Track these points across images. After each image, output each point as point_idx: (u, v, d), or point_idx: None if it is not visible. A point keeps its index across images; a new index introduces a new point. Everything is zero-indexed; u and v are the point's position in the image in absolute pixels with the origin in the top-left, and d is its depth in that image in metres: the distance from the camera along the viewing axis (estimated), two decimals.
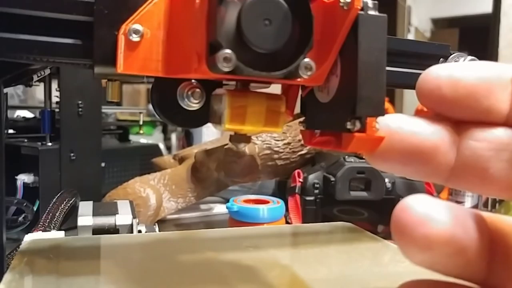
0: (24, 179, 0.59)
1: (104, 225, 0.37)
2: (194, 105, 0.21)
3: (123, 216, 0.38)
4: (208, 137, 1.04)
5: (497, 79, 0.16)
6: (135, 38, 0.19)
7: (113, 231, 0.37)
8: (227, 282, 0.26)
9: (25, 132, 0.70)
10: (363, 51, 0.17)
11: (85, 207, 0.39)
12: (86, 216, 0.37)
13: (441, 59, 0.27)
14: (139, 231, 0.39)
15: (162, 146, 1.12)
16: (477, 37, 1.61)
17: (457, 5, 3.13)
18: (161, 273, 0.27)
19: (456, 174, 0.16)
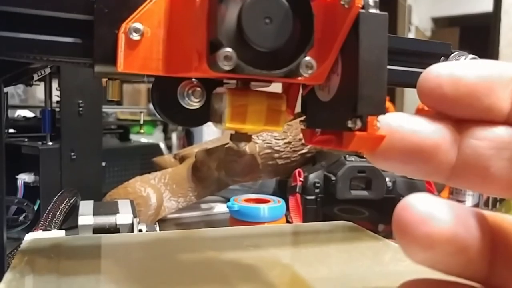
0: (24, 178, 0.59)
1: (104, 225, 0.37)
2: (194, 104, 0.21)
3: (123, 215, 0.38)
4: (208, 136, 1.04)
5: (498, 78, 0.16)
6: (135, 36, 0.19)
7: (114, 231, 0.37)
8: (227, 281, 0.26)
9: (25, 131, 0.70)
10: (364, 50, 0.17)
11: (86, 207, 0.39)
12: (86, 215, 0.37)
13: (442, 58, 0.27)
14: (140, 230, 0.39)
15: (162, 145, 1.12)
16: (478, 36, 1.61)
17: (457, 4, 3.13)
18: (161, 272, 0.27)
19: (457, 172, 0.16)
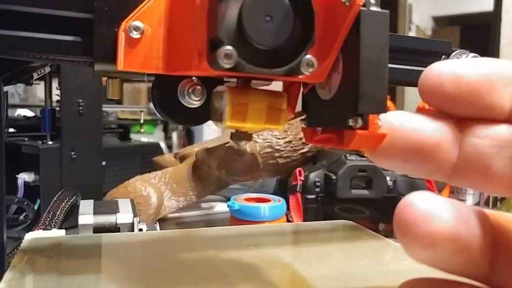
0: (24, 178, 0.59)
1: (105, 224, 0.37)
2: (195, 102, 0.21)
3: (124, 214, 0.37)
4: (209, 136, 1.04)
5: (499, 76, 0.16)
6: (135, 35, 0.19)
7: (114, 230, 0.37)
8: (228, 280, 0.26)
9: (25, 131, 0.70)
10: (365, 48, 0.17)
11: (86, 206, 0.39)
12: (87, 214, 0.37)
13: (443, 56, 0.27)
14: (140, 230, 0.38)
15: (163, 144, 1.12)
16: (478, 35, 1.61)
17: (458, 3, 3.13)
18: (162, 272, 0.27)
19: (458, 171, 0.16)
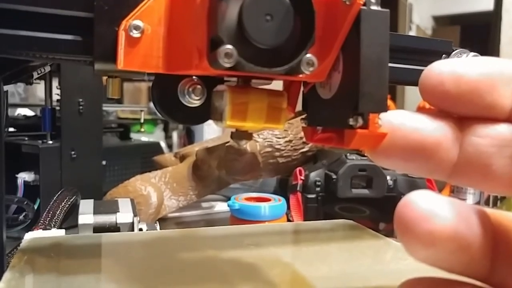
0: (24, 177, 0.59)
1: (105, 223, 0.37)
2: (195, 101, 0.21)
3: (124, 214, 0.37)
4: (209, 135, 1.04)
5: (499, 75, 0.16)
6: (135, 34, 0.19)
7: (114, 229, 0.37)
8: (228, 280, 0.26)
9: (25, 130, 0.70)
10: (365, 47, 0.17)
11: (86, 205, 0.39)
12: (87, 214, 0.37)
13: (444, 56, 0.27)
14: (140, 229, 0.38)
15: (163, 144, 1.12)
16: (479, 34, 1.61)
17: (458, 3, 3.13)
18: (162, 271, 0.27)
19: (458, 170, 0.16)
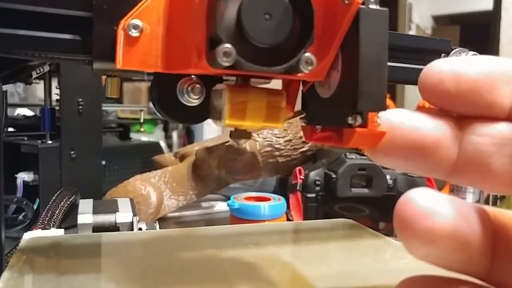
0: (24, 177, 0.59)
1: (104, 223, 0.37)
2: (194, 100, 0.21)
3: (123, 214, 0.37)
4: (209, 135, 1.04)
5: (499, 74, 0.16)
6: (134, 33, 0.19)
7: (114, 229, 0.36)
8: (228, 279, 0.26)
9: (25, 130, 0.69)
10: (364, 46, 0.17)
11: (85, 205, 0.39)
12: (86, 214, 0.37)
13: (443, 55, 0.27)
14: (140, 229, 0.38)
15: (163, 144, 1.12)
16: (478, 34, 1.61)
17: (457, 2, 3.13)
18: (161, 271, 0.27)
19: (458, 169, 0.16)
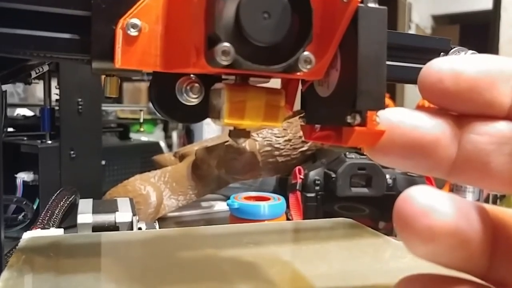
0: (23, 177, 0.59)
1: (104, 223, 0.37)
2: (193, 100, 0.21)
3: (123, 213, 0.37)
4: (209, 134, 1.04)
5: (499, 72, 0.16)
6: (133, 32, 0.19)
7: (113, 229, 0.36)
8: (227, 278, 0.26)
9: (24, 130, 0.69)
10: (363, 44, 0.17)
11: (85, 205, 0.39)
12: (86, 213, 0.37)
13: (442, 53, 0.27)
14: (139, 229, 0.38)
15: (163, 144, 1.12)
16: (478, 33, 1.61)
17: (457, 2, 3.13)
18: (161, 270, 0.27)
19: (457, 168, 0.16)
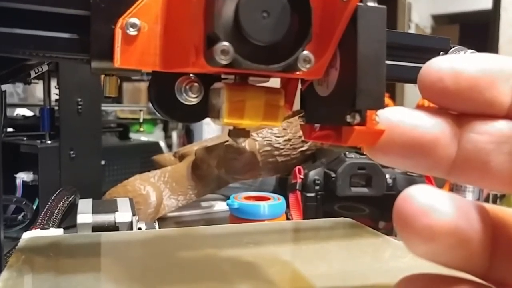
0: (23, 177, 0.59)
1: (103, 223, 0.37)
2: (192, 99, 0.21)
3: (122, 213, 0.37)
4: (208, 134, 1.04)
5: (499, 71, 0.15)
6: (132, 32, 0.19)
7: (113, 229, 0.36)
8: (227, 278, 0.26)
9: (24, 130, 0.69)
10: (362, 43, 0.17)
11: (85, 205, 0.39)
12: (85, 213, 0.37)
13: (441, 53, 0.27)
14: (139, 229, 0.38)
15: (162, 144, 1.12)
16: (478, 33, 1.61)
17: (457, 1, 3.13)
18: (161, 270, 0.27)
19: (457, 167, 0.16)
